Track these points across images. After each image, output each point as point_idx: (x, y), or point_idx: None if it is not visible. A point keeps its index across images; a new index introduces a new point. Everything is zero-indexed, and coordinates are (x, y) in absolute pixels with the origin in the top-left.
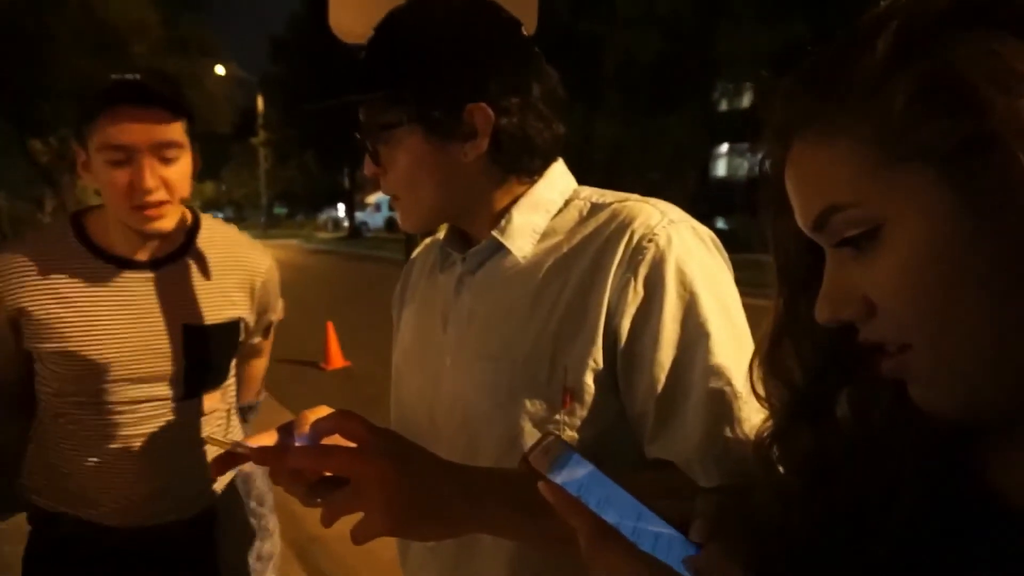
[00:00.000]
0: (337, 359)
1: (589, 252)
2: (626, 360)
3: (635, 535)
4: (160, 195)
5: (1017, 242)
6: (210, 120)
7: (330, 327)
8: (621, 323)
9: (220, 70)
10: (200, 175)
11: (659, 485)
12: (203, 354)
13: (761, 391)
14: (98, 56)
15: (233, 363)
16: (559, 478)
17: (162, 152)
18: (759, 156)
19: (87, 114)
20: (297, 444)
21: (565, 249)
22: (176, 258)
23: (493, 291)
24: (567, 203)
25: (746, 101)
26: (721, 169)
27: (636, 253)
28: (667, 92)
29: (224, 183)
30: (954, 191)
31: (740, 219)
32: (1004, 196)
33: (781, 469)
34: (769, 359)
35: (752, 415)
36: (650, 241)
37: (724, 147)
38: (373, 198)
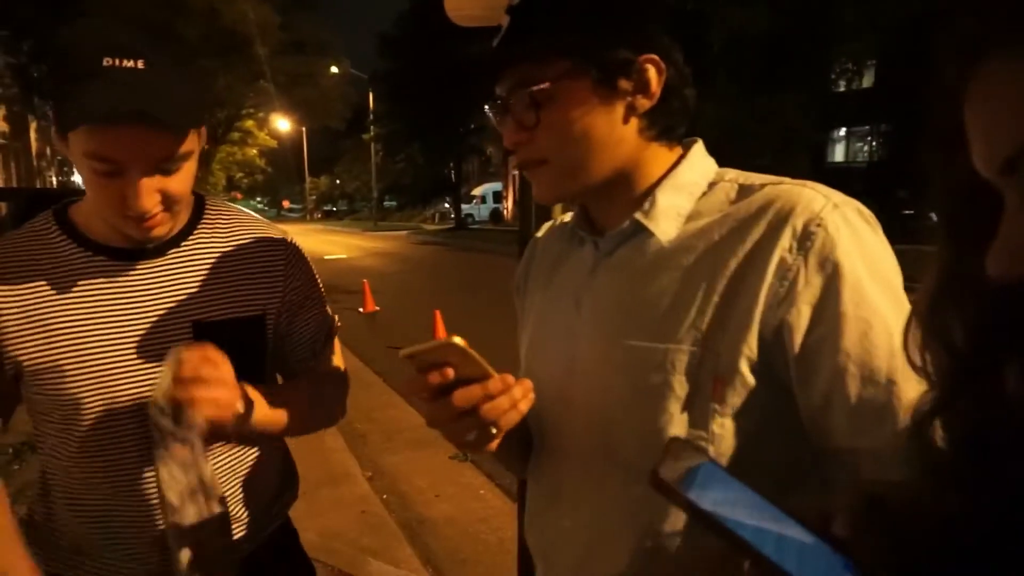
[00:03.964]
0: None
1: (747, 237)
2: (803, 351)
3: (778, 552)
4: (156, 210)
5: None
6: (325, 117)
7: (438, 315)
8: (790, 313)
9: (334, 69)
10: (315, 170)
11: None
12: None
13: (917, 359)
14: (223, 58)
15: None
16: (692, 492)
17: (163, 165)
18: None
19: (66, 107)
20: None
21: (716, 234)
22: (178, 243)
23: (636, 274)
24: (711, 186)
25: (867, 82)
26: (839, 154)
27: (804, 239)
28: (777, 71)
29: (337, 177)
30: None
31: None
32: None
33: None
34: (928, 320)
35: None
36: (818, 226)
37: (842, 131)
38: (479, 191)
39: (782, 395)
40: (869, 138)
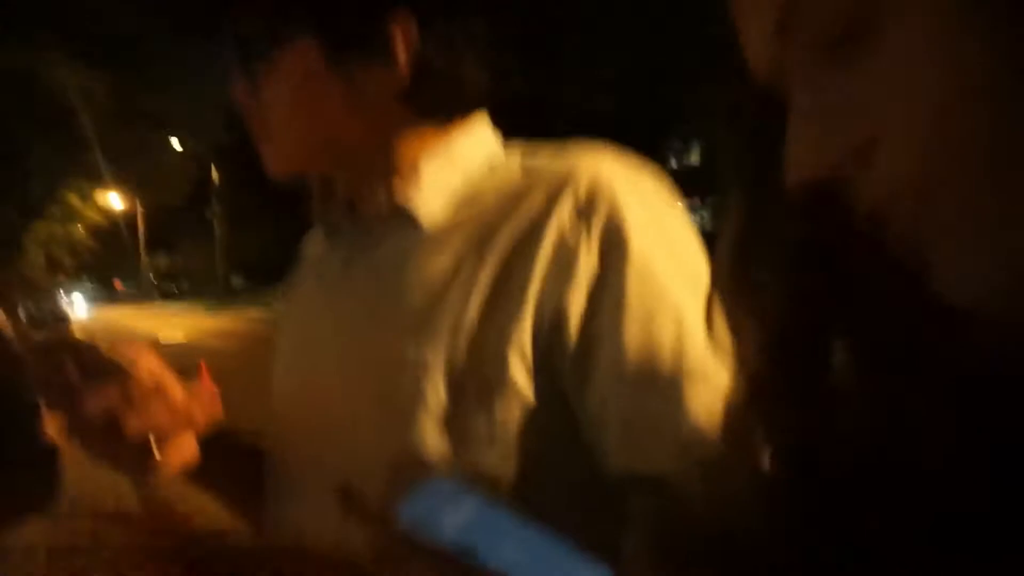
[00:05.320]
0: None
1: (522, 212)
2: (579, 347)
3: None
4: None
5: None
6: (163, 194)
7: None
8: (566, 299)
9: (175, 143)
10: (154, 248)
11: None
12: None
13: (724, 342)
14: (40, 127)
15: None
16: (411, 512)
17: None
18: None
19: None
20: None
21: (492, 215)
22: None
23: (394, 268)
24: (493, 167)
25: (694, 158)
26: None
27: (586, 209)
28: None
29: (179, 255)
30: None
31: None
32: None
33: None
34: (732, 284)
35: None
36: (603, 194)
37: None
38: None
39: (566, 406)
40: (700, 210)
